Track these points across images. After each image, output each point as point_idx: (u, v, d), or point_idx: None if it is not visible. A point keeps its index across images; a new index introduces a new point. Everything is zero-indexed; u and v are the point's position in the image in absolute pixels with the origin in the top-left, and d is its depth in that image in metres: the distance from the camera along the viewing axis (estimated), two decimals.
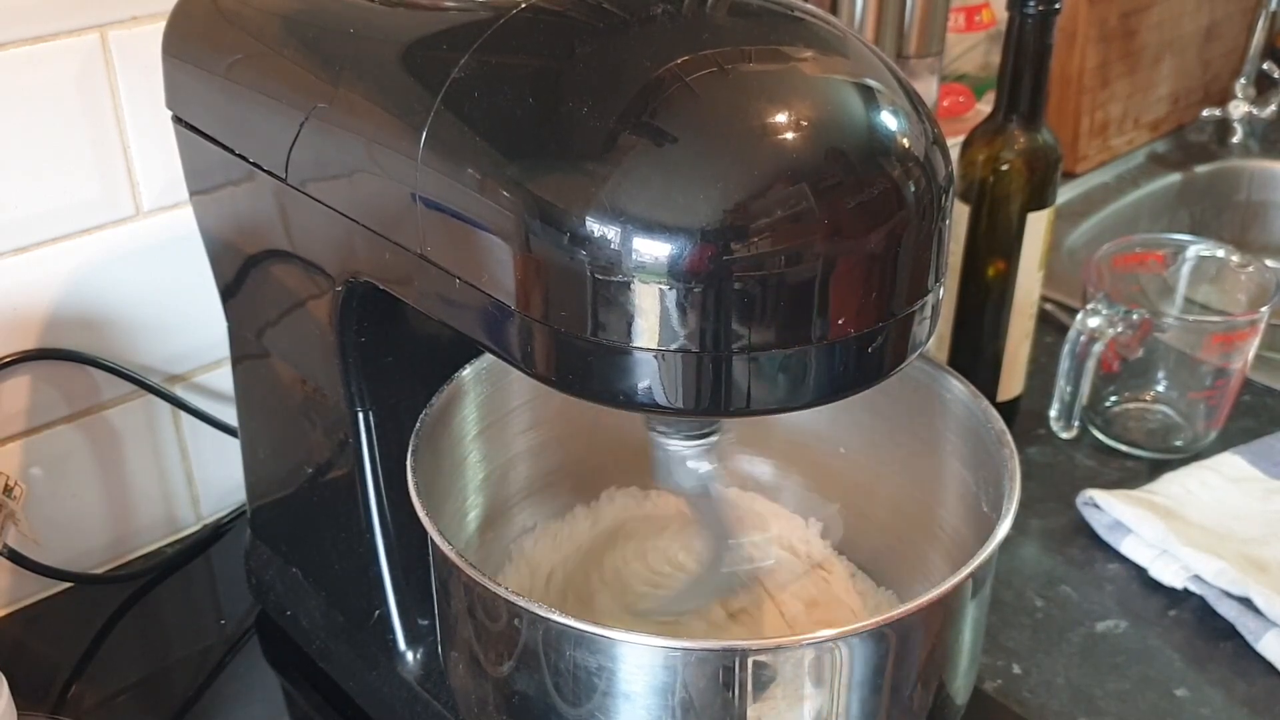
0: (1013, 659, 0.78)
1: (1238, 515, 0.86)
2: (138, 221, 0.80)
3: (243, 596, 0.83)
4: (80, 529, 0.84)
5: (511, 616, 0.55)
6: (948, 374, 0.66)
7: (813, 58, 0.48)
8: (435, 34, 0.53)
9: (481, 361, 0.68)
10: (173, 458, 0.88)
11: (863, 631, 0.54)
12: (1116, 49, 1.34)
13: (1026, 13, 0.83)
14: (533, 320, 0.48)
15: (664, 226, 0.44)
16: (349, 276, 0.59)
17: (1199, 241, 0.99)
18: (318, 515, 0.73)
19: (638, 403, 0.48)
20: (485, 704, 0.60)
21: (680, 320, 0.45)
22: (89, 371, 0.81)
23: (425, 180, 0.50)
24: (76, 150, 0.76)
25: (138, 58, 0.76)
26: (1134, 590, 0.83)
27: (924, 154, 0.48)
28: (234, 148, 0.63)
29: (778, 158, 0.45)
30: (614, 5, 0.49)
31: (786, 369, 0.47)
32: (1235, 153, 1.46)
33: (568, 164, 0.46)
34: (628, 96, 0.46)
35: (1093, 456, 0.95)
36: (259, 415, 0.77)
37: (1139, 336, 0.92)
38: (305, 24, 0.59)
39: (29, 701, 0.74)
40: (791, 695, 0.53)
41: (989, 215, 0.89)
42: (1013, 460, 0.60)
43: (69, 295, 0.79)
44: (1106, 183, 1.39)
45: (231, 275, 0.72)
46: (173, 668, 0.80)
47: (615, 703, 0.54)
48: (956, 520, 0.68)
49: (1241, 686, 0.76)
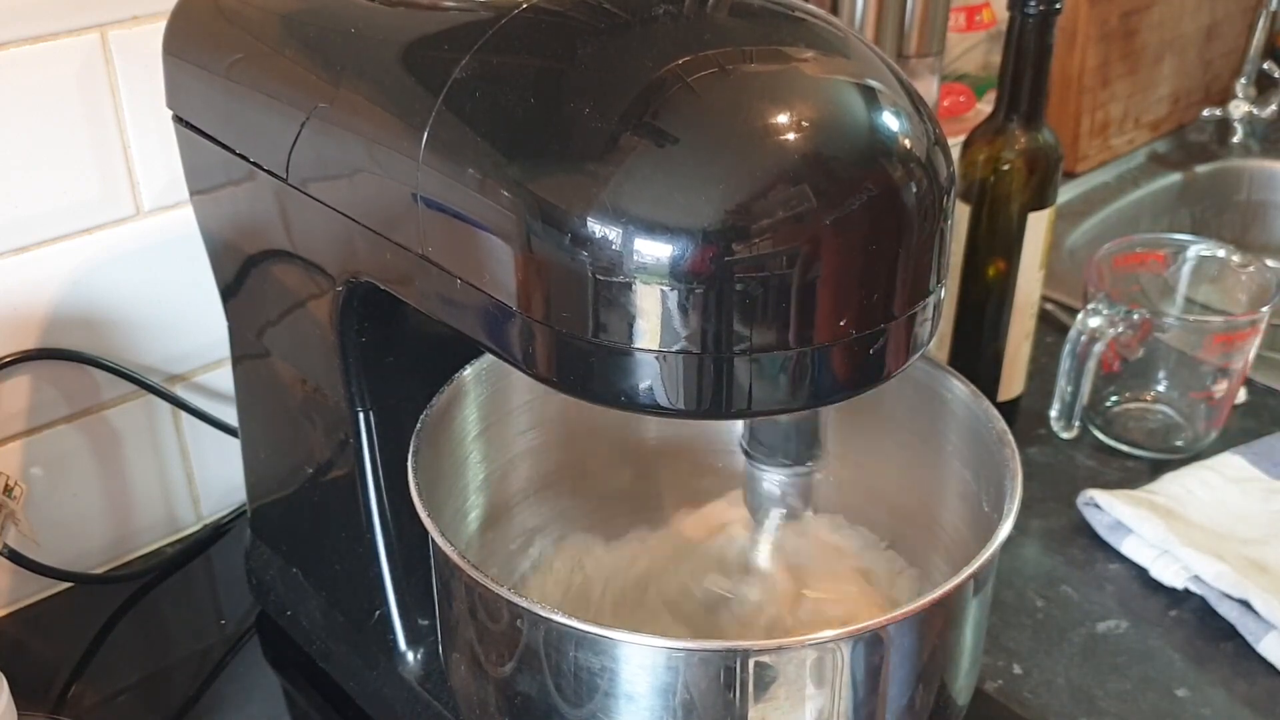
0: (1014, 659, 0.77)
1: (1238, 515, 0.86)
2: (138, 221, 0.80)
3: (243, 596, 0.83)
4: (80, 529, 0.84)
5: (513, 617, 0.55)
6: (948, 374, 0.66)
7: (814, 58, 0.48)
8: (436, 34, 0.53)
9: (482, 362, 0.68)
10: (173, 458, 0.88)
11: (864, 632, 0.53)
12: (1117, 49, 1.34)
13: (1027, 12, 0.83)
14: (534, 321, 0.48)
15: (665, 227, 0.44)
16: (350, 276, 0.59)
17: (1199, 241, 0.99)
18: (318, 515, 0.73)
19: (639, 404, 0.48)
20: (486, 705, 0.60)
21: (681, 321, 0.45)
22: (89, 371, 0.81)
23: (426, 180, 0.50)
24: (76, 150, 0.76)
25: (138, 57, 0.76)
26: (1135, 590, 0.83)
27: (925, 155, 0.48)
28: (234, 147, 0.63)
29: (779, 158, 0.45)
30: (615, 5, 0.49)
31: (788, 370, 0.47)
32: (1236, 153, 1.46)
33: (569, 164, 0.46)
34: (629, 97, 0.46)
35: (1093, 456, 0.95)
36: (259, 415, 0.77)
37: (1139, 336, 0.92)
38: (306, 24, 0.59)
39: (29, 701, 0.74)
40: (793, 696, 0.53)
41: (989, 215, 0.89)
42: (1014, 460, 0.60)
43: (69, 295, 0.79)
44: (1107, 182, 1.38)
45: (232, 275, 0.72)
46: (173, 668, 0.80)
47: (617, 703, 0.54)
48: (957, 520, 0.68)
49: (1242, 687, 0.76)
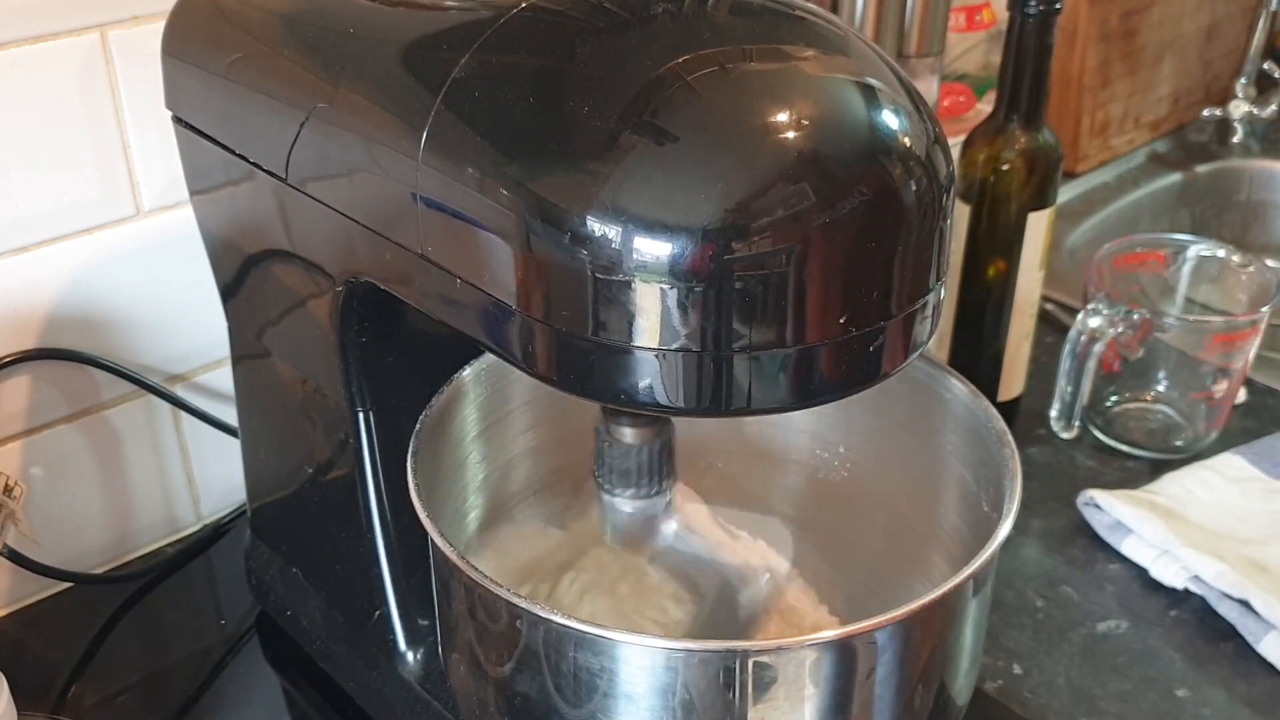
0: (1014, 659, 0.77)
1: (1238, 515, 0.86)
2: (138, 221, 0.80)
3: (243, 596, 0.83)
4: (80, 529, 0.84)
5: (512, 617, 0.55)
6: (948, 374, 0.66)
7: (813, 57, 0.48)
8: (436, 34, 0.53)
9: (482, 362, 0.68)
10: (173, 458, 0.88)
11: (864, 632, 0.53)
12: (1117, 49, 1.34)
13: (1027, 12, 0.83)
14: (533, 320, 0.48)
15: (665, 226, 0.44)
16: (349, 276, 0.59)
17: (1199, 241, 0.99)
18: (318, 515, 0.73)
19: (639, 402, 0.48)
20: (486, 705, 0.60)
21: (681, 319, 0.45)
22: (89, 371, 0.81)
23: (426, 180, 0.50)
24: (76, 150, 0.76)
25: (138, 57, 0.76)
26: (1135, 590, 0.83)
27: (925, 153, 0.48)
28: (234, 148, 0.63)
29: (778, 157, 0.45)
30: (614, 4, 0.49)
31: (787, 368, 0.47)
32: (1236, 152, 1.46)
33: (569, 163, 0.46)
34: (628, 96, 0.46)
35: (1093, 456, 0.95)
36: (259, 415, 0.77)
37: (1140, 336, 0.92)
38: (305, 24, 0.59)
39: (29, 701, 0.74)
40: (793, 696, 0.53)
41: (989, 215, 0.89)
42: (1014, 460, 0.60)
43: (69, 295, 0.79)
44: (1107, 182, 1.38)
45: (231, 275, 0.72)
46: (173, 668, 0.80)
47: (616, 704, 0.54)
48: (957, 520, 0.68)
49: (1243, 687, 0.76)
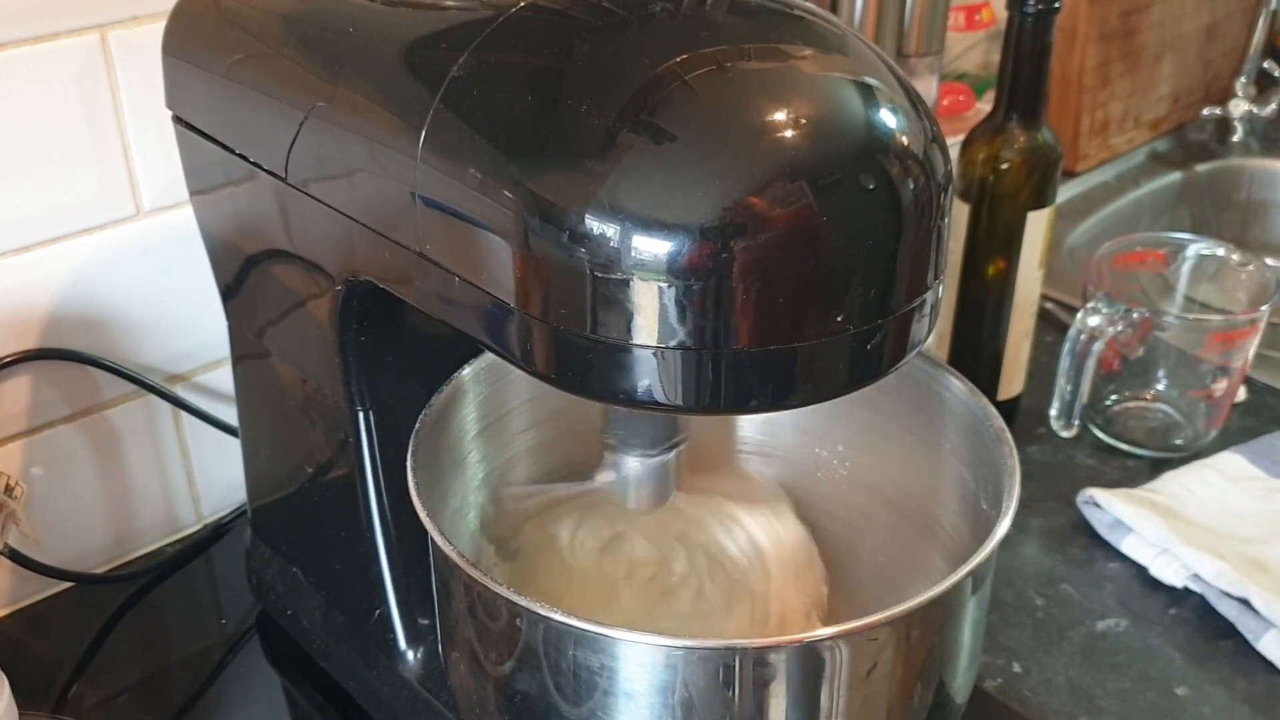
0: (1013, 658, 0.77)
1: (1238, 514, 0.86)
2: (138, 221, 0.80)
3: (243, 596, 0.83)
4: (81, 529, 0.84)
5: (512, 616, 0.55)
6: (947, 372, 0.66)
7: (812, 56, 0.48)
8: (434, 33, 0.53)
9: (481, 361, 0.68)
10: (173, 457, 0.88)
11: (863, 630, 0.53)
12: (1117, 48, 1.34)
13: (1026, 12, 0.83)
14: (532, 318, 0.48)
15: (663, 224, 0.44)
16: (349, 276, 0.59)
17: (1199, 240, 0.99)
18: (318, 515, 0.73)
19: (637, 400, 0.48)
20: (486, 703, 0.60)
21: (679, 317, 0.45)
22: (89, 371, 0.81)
23: (425, 179, 0.50)
24: (76, 150, 0.76)
25: (138, 58, 0.76)
26: (1134, 589, 0.83)
27: (923, 151, 0.48)
28: (234, 147, 0.63)
29: (776, 155, 0.45)
30: (613, 4, 0.49)
31: (785, 366, 0.47)
32: (1235, 151, 1.46)
33: (567, 162, 0.46)
34: (627, 94, 0.46)
35: (1093, 455, 0.95)
36: (259, 415, 0.77)
37: (1139, 335, 0.92)
38: (305, 23, 0.60)
39: (29, 701, 0.74)
40: (792, 694, 0.53)
41: (989, 214, 0.89)
42: (1012, 458, 0.60)
43: (69, 295, 0.79)
44: (1107, 182, 1.38)
45: (232, 275, 0.72)
46: (173, 668, 0.80)
47: (616, 701, 0.54)
48: (956, 519, 0.68)
49: (1242, 685, 0.76)
